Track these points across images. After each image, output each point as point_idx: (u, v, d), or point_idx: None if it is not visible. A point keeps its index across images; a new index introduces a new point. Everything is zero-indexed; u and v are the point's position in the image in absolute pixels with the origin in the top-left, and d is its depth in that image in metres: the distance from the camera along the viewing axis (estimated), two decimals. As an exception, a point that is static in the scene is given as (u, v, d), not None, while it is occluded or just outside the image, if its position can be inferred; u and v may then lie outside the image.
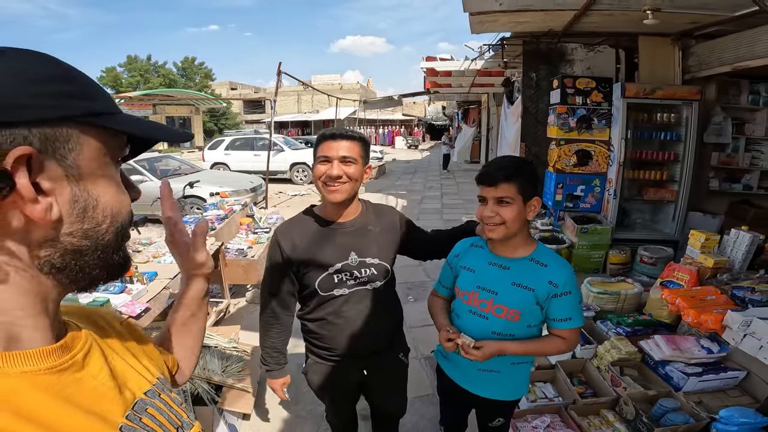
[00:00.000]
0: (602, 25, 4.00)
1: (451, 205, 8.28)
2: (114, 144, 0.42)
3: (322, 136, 1.28)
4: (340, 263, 1.29)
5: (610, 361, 2.17)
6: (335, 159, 1.24)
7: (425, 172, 13.68)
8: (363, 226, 1.35)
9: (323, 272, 1.29)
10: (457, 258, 1.36)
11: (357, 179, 1.28)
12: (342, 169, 1.24)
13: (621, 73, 4.51)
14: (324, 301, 1.32)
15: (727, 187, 4.39)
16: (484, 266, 1.28)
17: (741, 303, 2.21)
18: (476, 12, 3.59)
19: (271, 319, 1.36)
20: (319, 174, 1.26)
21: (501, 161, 1.23)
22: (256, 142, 11.63)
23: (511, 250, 1.25)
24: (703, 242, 2.93)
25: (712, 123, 4.19)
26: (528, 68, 4.74)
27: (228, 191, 5.77)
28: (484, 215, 1.20)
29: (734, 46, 3.63)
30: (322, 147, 1.26)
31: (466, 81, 8.91)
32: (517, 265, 1.23)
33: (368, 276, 1.32)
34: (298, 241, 1.30)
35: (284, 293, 1.34)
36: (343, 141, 1.26)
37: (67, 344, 0.43)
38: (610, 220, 4.28)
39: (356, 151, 1.27)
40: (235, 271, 3.34)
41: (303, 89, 26.99)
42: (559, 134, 4.27)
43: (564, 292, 1.19)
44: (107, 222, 0.42)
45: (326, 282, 1.29)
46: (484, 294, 1.25)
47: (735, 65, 3.64)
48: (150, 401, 0.48)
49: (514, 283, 1.21)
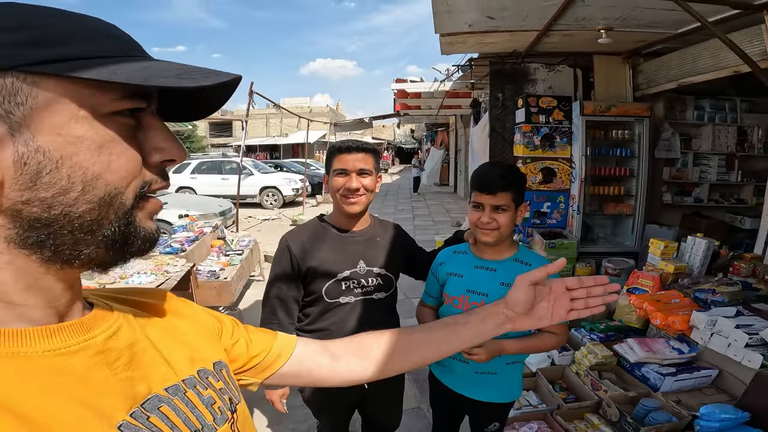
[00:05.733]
0: (561, 46, 4.21)
1: (423, 226, 8.42)
2: (96, 96, 0.35)
3: (337, 149, 1.32)
4: (348, 270, 1.31)
5: (588, 365, 2.23)
6: (353, 172, 1.28)
7: (396, 195, 13.83)
8: (372, 236, 1.39)
9: (331, 279, 1.30)
10: (441, 266, 1.40)
11: (373, 190, 1.33)
12: (360, 182, 1.29)
13: (579, 91, 4.73)
14: (329, 309, 1.32)
15: (679, 200, 4.67)
16: (471, 270, 1.32)
17: (704, 305, 2.34)
18: (447, 33, 3.76)
19: (275, 326, 1.32)
20: (337, 187, 1.30)
21: (497, 168, 1.29)
22: (223, 166, 11.41)
23: (497, 252, 1.31)
24: (663, 250, 3.12)
25: (661, 139, 4.44)
26: (494, 88, 4.91)
27: (196, 215, 5.62)
28: (481, 221, 1.25)
29: (679, 63, 3.85)
30: (338, 160, 1.30)
31: (435, 103, 9.21)
32: (503, 266, 1.29)
33: (374, 285, 1.35)
34: (308, 246, 1.31)
35: (290, 300, 1.33)
36: (359, 153, 1.30)
37: (85, 324, 0.39)
38: (575, 234, 4.46)
39: (371, 162, 1.32)
40: (207, 292, 3.29)
41: (272, 112, 26.94)
42: (525, 152, 4.46)
43: None
44: (77, 189, 0.34)
45: (333, 289, 1.30)
46: (475, 297, 1.28)
47: (680, 81, 3.85)
48: (168, 398, 0.43)
49: (502, 284, 1.26)
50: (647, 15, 3.15)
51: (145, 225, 0.41)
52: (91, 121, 0.35)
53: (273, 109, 20.91)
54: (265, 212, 10.35)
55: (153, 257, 3.01)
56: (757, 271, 2.67)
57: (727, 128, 4.56)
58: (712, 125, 4.55)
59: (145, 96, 0.39)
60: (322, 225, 1.38)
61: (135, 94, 0.37)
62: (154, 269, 2.79)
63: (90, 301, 0.44)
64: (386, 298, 1.38)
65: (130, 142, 0.38)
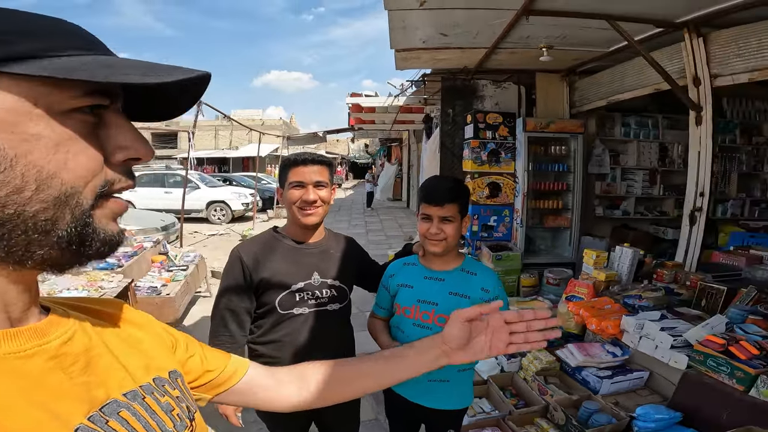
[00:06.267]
0: (507, 63, 4.45)
1: (376, 241, 8.46)
2: (54, 93, 0.34)
3: (293, 162, 1.34)
4: (302, 282, 1.32)
5: (534, 371, 2.34)
6: (309, 184, 1.30)
7: (349, 210, 13.81)
8: (326, 248, 1.41)
9: (285, 290, 1.30)
10: (392, 278, 1.44)
11: (328, 201, 1.36)
12: (317, 194, 1.31)
13: (522, 108, 4.99)
14: (282, 320, 1.31)
15: (609, 213, 5.04)
16: (421, 281, 1.37)
17: (632, 309, 2.54)
18: (402, 49, 3.89)
19: (226, 338, 1.30)
20: (293, 199, 1.31)
21: (444, 182, 1.36)
22: (167, 179, 10.85)
23: (444, 263, 1.37)
24: (595, 259, 3.37)
25: (594, 155, 4.80)
26: (445, 104, 5.08)
27: (134, 229, 5.31)
28: (430, 232, 1.31)
29: (608, 81, 4.19)
30: (294, 172, 1.31)
31: (389, 117, 9.38)
32: (451, 277, 1.35)
33: (329, 297, 1.36)
34: (261, 258, 1.31)
35: (242, 312, 1.31)
36: (315, 166, 1.32)
37: (40, 330, 0.39)
38: (519, 247, 4.69)
39: (326, 175, 1.34)
40: (147, 308, 3.12)
41: (221, 124, 26.04)
42: (473, 168, 4.65)
43: (495, 296, 1.33)
44: (30, 188, 0.33)
45: (287, 300, 1.30)
46: (426, 306, 1.33)
47: (609, 99, 4.18)
48: (128, 403, 0.43)
49: (451, 293, 1.32)
50: (583, 34, 3.43)
51: (106, 227, 0.39)
52: (48, 119, 0.34)
53: (222, 121, 20.24)
54: (213, 227, 9.96)
55: (85, 272, 2.83)
56: (678, 277, 2.95)
57: (650, 144, 5.00)
58: (637, 141, 4.96)
59: (107, 93, 0.38)
60: (276, 237, 1.38)
61: (96, 91, 0.36)
62: (87, 285, 2.63)
63: (46, 306, 0.44)
64: (340, 310, 1.40)
65: (90, 140, 0.37)
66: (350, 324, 1.51)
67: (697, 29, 3.05)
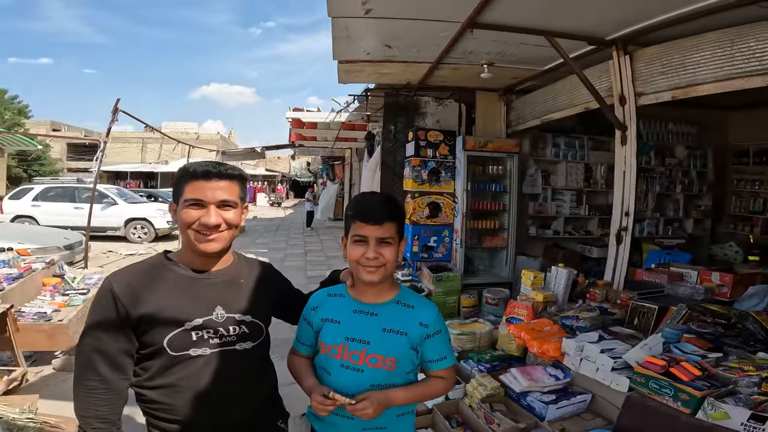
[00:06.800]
0: (450, 80, 4.48)
1: (316, 261, 8.19)
2: None
3: (191, 174, 1.08)
4: (201, 318, 1.06)
5: (479, 398, 2.21)
6: (211, 203, 1.06)
7: (288, 229, 13.48)
8: (234, 278, 1.17)
9: (177, 328, 1.04)
10: (315, 311, 1.23)
11: (237, 224, 1.12)
12: (221, 216, 1.07)
13: (462, 126, 5.04)
14: (176, 363, 1.05)
15: (541, 233, 5.21)
16: (350, 315, 1.18)
17: (570, 331, 2.53)
18: (345, 60, 3.76)
19: (95, 383, 1.01)
20: (189, 221, 1.06)
21: (379, 197, 1.18)
22: (78, 193, 9.77)
23: (377, 294, 1.18)
24: (533, 280, 3.37)
25: (527, 175, 4.94)
26: (388, 120, 5.01)
27: (31, 248, 4.64)
28: (366, 257, 1.11)
29: (543, 99, 4.29)
30: (193, 187, 1.06)
31: (332, 134, 9.19)
32: (384, 310, 1.17)
33: (237, 335, 1.11)
34: (142, 289, 1.04)
35: (117, 354, 1.03)
36: (222, 181, 1.08)
37: None
38: (458, 267, 4.67)
39: (236, 192, 1.11)
40: (34, 336, 2.99)
41: (150, 136, 24.29)
42: (414, 187, 4.59)
43: (435, 332, 1.17)
44: None
45: (180, 339, 1.04)
46: (355, 345, 1.14)
47: (543, 118, 4.28)
48: None
49: (385, 329, 1.14)
50: (522, 51, 3.50)
51: None
52: None
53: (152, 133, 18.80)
54: (132, 246, 9.10)
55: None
56: (610, 296, 3.03)
57: (577, 165, 5.26)
58: (565, 162, 5.19)
59: None
60: (166, 264, 1.12)
61: None
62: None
63: None
64: (254, 349, 1.15)
65: None
66: (270, 362, 1.27)
67: (624, 47, 3.12)
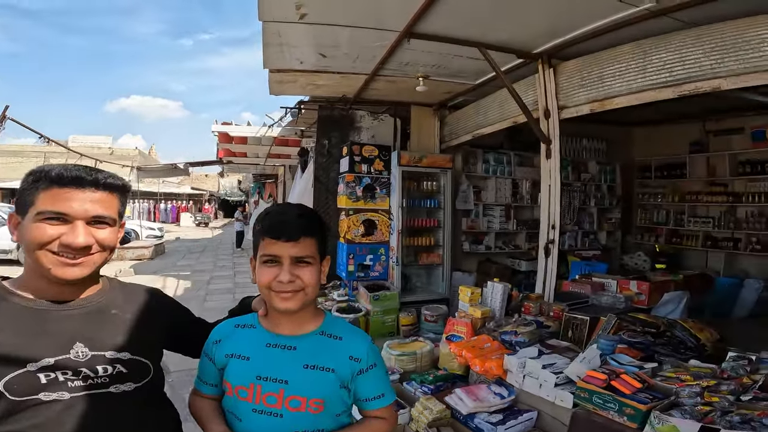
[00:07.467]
0: (385, 93, 4.43)
1: (245, 284, 7.76)
2: None
3: (52, 179, 0.87)
4: (52, 358, 0.85)
5: (426, 422, 2.09)
6: (79, 219, 0.87)
7: (216, 250, 12.80)
8: (102, 308, 0.96)
9: (16, 369, 0.82)
10: (217, 345, 1.03)
11: (113, 246, 0.95)
12: (92, 236, 0.89)
13: (398, 141, 5.02)
14: (21, 409, 0.82)
15: (474, 248, 5.35)
16: (262, 350, 0.99)
17: (510, 346, 2.52)
18: (276, 69, 3.54)
19: None
20: (43, 240, 0.85)
21: (294, 209, 1.02)
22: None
23: (296, 325, 1.01)
24: (470, 296, 3.37)
25: (460, 191, 5.04)
26: (321, 134, 4.84)
27: None
28: (279, 280, 0.94)
29: (474, 114, 4.38)
30: (53, 196, 0.86)
31: (263, 150, 8.73)
32: (306, 343, 1.00)
33: (110, 375, 0.90)
34: None
35: None
36: (98, 192, 0.90)
37: None
38: (396, 285, 4.59)
39: (114, 206, 0.94)
40: None
41: (55, 150, 21.45)
42: (348, 204, 4.45)
43: (369, 366, 1.02)
44: None
45: (21, 383, 0.83)
46: (270, 386, 0.95)
47: (474, 133, 4.37)
48: None
49: (307, 366, 0.97)
50: (456, 64, 3.53)
51: None
52: None
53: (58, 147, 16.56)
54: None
55: None
56: (543, 309, 3.10)
57: (505, 180, 5.48)
58: (495, 178, 5.39)
59: None
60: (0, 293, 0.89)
61: None
62: None
63: None
64: (137, 391, 0.93)
65: None
66: (166, 401, 1.05)
67: (549, 60, 3.25)
